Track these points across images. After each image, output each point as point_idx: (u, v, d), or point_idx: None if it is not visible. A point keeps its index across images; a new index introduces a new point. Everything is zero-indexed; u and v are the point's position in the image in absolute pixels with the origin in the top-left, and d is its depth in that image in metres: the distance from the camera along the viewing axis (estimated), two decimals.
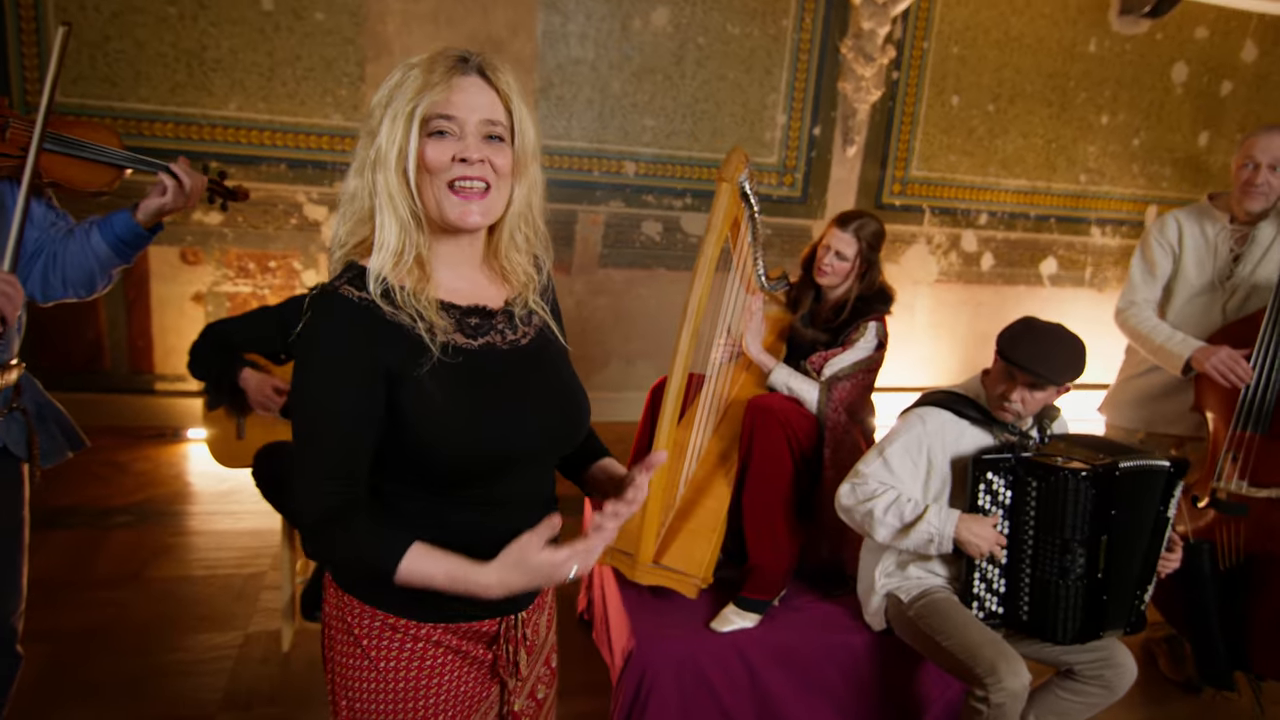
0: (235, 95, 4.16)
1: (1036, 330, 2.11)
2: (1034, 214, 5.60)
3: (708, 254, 2.10)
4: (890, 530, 2.10)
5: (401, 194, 1.09)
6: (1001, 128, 5.36)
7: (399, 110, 1.09)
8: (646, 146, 4.78)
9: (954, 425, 2.18)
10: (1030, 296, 5.73)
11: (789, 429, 2.32)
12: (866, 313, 2.49)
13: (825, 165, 5.09)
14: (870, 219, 2.53)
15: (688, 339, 2.10)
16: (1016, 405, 2.09)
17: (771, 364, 2.49)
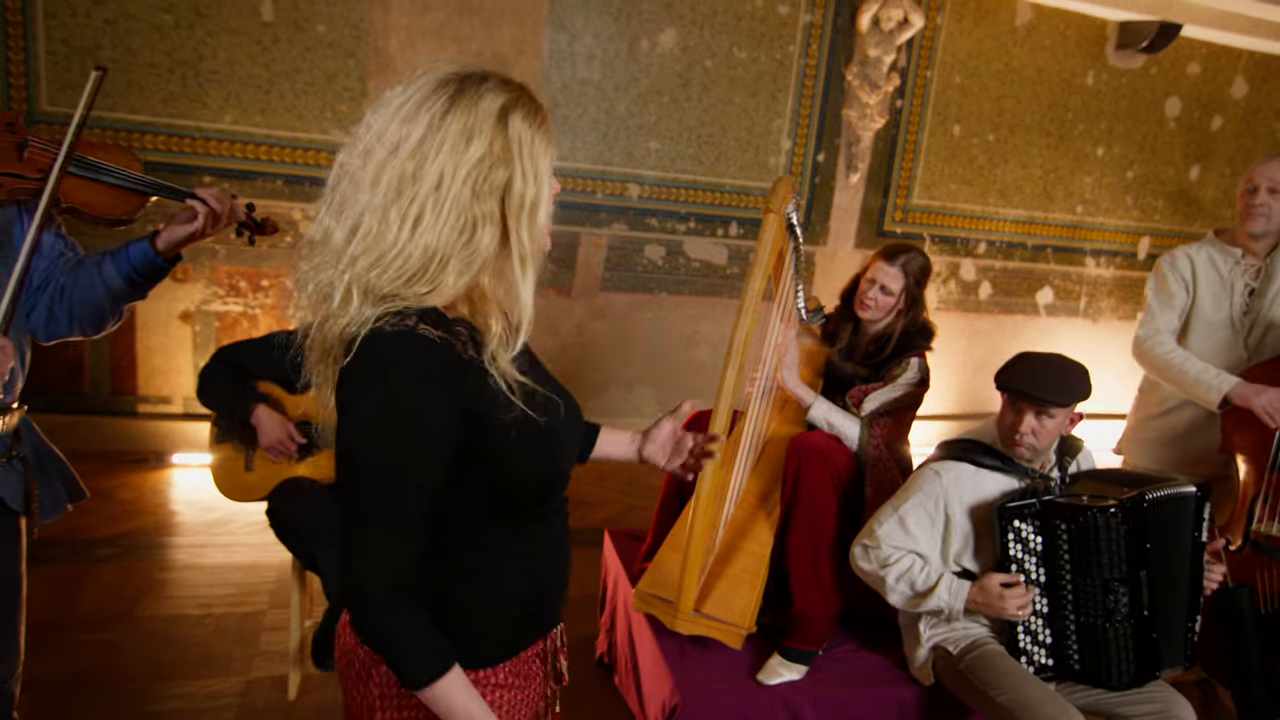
0: (231, 108, 4.02)
1: (1032, 357, 2.11)
2: (1031, 244, 5.61)
3: (754, 288, 2.02)
4: (902, 598, 2.08)
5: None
6: (1001, 157, 5.36)
7: (541, 153, 1.05)
8: (651, 169, 4.70)
9: (972, 476, 2.12)
10: (1027, 326, 5.73)
11: (834, 469, 2.23)
12: (910, 348, 2.42)
13: (829, 192, 5.05)
14: (917, 253, 2.46)
15: (734, 377, 2.00)
16: (1028, 438, 2.04)
17: (810, 398, 2.41)
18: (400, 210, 0.97)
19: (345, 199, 1.00)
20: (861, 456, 2.34)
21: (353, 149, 1.02)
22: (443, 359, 0.99)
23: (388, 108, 1.00)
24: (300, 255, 1.06)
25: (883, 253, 2.47)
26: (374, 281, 0.98)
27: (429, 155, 0.97)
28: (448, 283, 1.00)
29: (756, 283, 2.03)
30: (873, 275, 2.45)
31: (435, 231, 0.98)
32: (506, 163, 1.00)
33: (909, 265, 2.42)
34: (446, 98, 0.98)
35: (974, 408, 5.67)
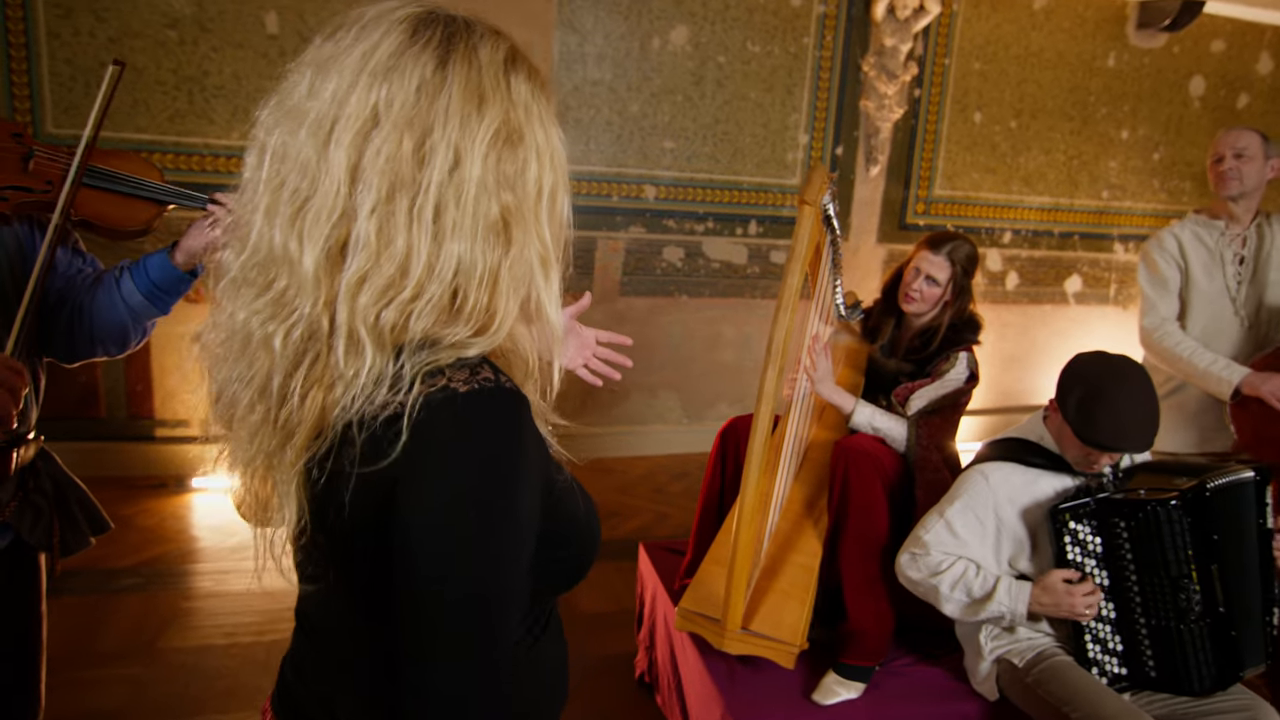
0: (239, 123, 3.94)
1: (1105, 398, 1.88)
2: (1058, 231, 5.47)
3: (791, 285, 1.91)
4: (959, 606, 1.95)
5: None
6: (1024, 144, 5.23)
7: (551, 120, 0.80)
8: (666, 170, 4.60)
9: (1021, 476, 2.00)
10: (1056, 316, 5.59)
11: (882, 472, 2.12)
12: (957, 342, 2.31)
13: (849, 186, 4.93)
14: (963, 241, 2.35)
15: (774, 380, 1.89)
16: (1105, 463, 1.95)
17: (850, 404, 2.29)
18: (409, 208, 0.71)
19: (301, 197, 0.72)
20: (909, 458, 2.22)
21: (292, 123, 0.74)
22: (533, 423, 0.76)
23: (341, 63, 0.73)
24: (230, 290, 0.77)
25: (927, 241, 2.36)
26: (393, 320, 0.71)
27: (434, 125, 0.72)
28: (502, 312, 0.75)
29: (795, 279, 1.92)
30: (918, 265, 2.34)
31: (466, 236, 0.72)
32: (520, 135, 0.76)
33: (956, 253, 2.31)
34: (436, 46, 0.74)
35: (1004, 402, 5.54)
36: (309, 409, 0.73)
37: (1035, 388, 5.58)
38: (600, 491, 4.24)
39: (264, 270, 0.74)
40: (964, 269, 2.32)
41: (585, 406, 4.73)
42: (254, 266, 0.75)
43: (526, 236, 0.76)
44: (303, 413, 0.73)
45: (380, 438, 0.70)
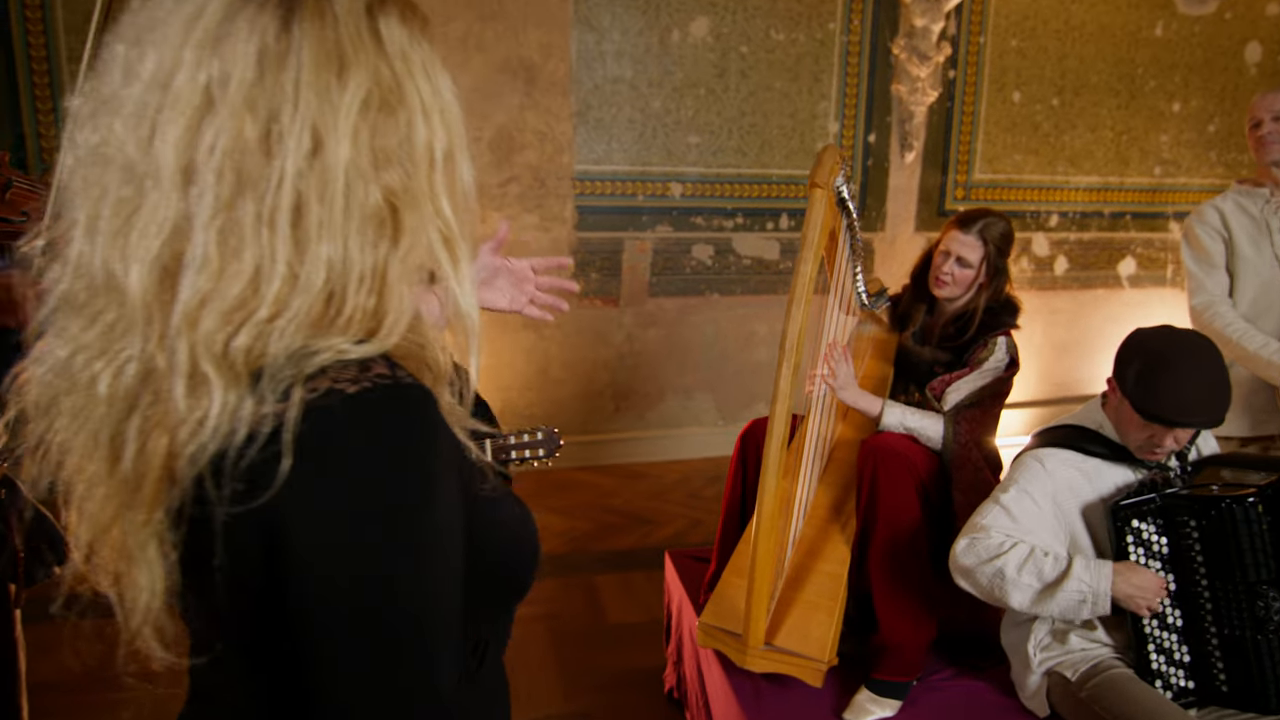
0: None
1: (1169, 367, 1.69)
2: (1108, 212, 5.22)
3: (805, 274, 1.79)
4: (1029, 593, 1.71)
5: None
6: (1068, 122, 5.00)
7: (438, 70, 0.67)
8: (692, 166, 4.48)
9: (1079, 466, 1.83)
10: (1109, 300, 5.33)
11: (914, 471, 1.98)
12: (994, 327, 2.15)
13: (883, 174, 4.76)
14: (997, 218, 2.19)
15: (788, 377, 1.77)
16: (1170, 446, 1.75)
17: (877, 406, 2.14)
18: (257, 210, 0.58)
19: (127, 207, 0.59)
20: (946, 456, 2.07)
21: (108, 115, 0.60)
22: (439, 417, 0.65)
23: (160, 34, 0.59)
24: (54, 320, 0.63)
25: (957, 220, 2.21)
26: (246, 346, 0.59)
27: (282, 104, 0.59)
28: (394, 313, 0.63)
29: (808, 268, 1.80)
30: (947, 246, 2.19)
31: (338, 234, 0.60)
32: (399, 96, 0.63)
33: (988, 231, 2.15)
34: (278, 2, 0.60)
35: (1057, 393, 5.29)
36: (152, 457, 0.61)
37: (1090, 376, 5.33)
38: (633, 498, 4.14)
39: (89, 298, 0.62)
40: (998, 248, 2.17)
41: (619, 411, 4.63)
42: (77, 293, 0.62)
43: (422, 218, 0.64)
44: (146, 462, 0.61)
45: (254, 466, 0.58)
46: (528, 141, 4.23)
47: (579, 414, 4.58)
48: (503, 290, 1.27)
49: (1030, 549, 1.73)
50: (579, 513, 3.95)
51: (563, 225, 4.36)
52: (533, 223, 4.31)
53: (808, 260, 1.80)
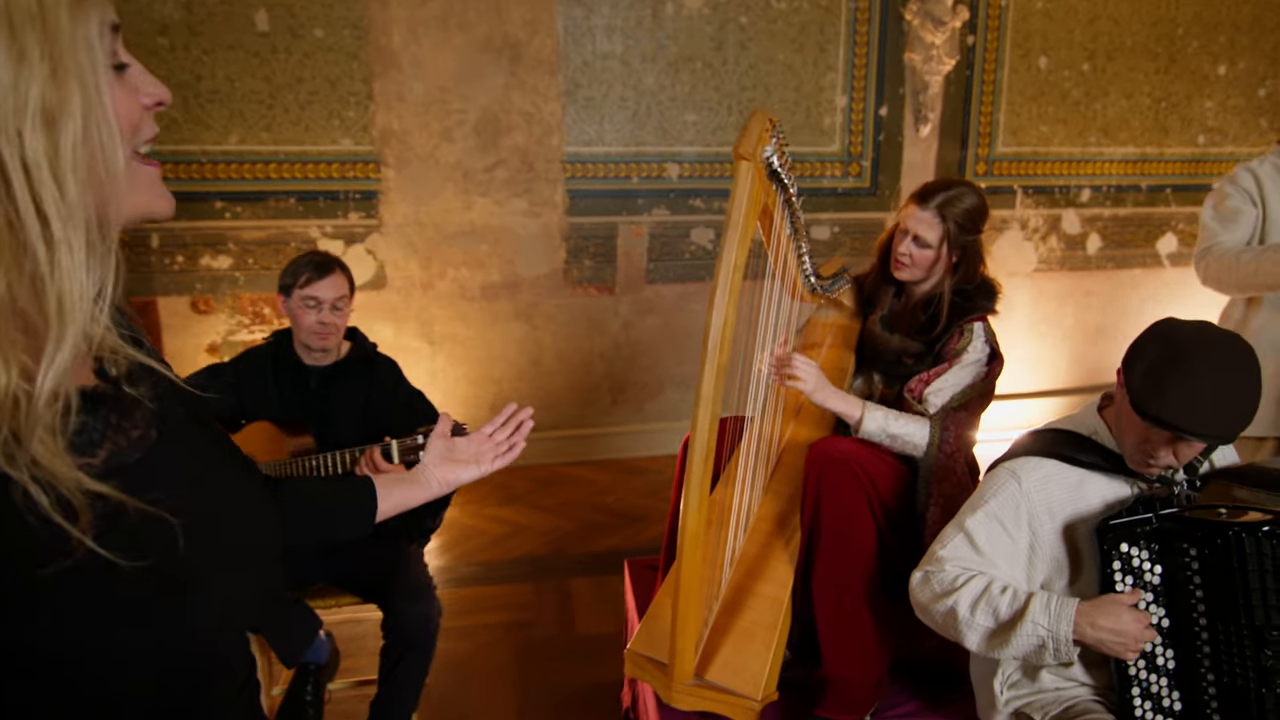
0: (235, 127, 3.82)
1: (1185, 364, 1.42)
2: (1146, 185, 4.85)
3: (729, 260, 1.59)
4: (982, 634, 1.50)
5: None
6: (1100, 89, 4.64)
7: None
8: (690, 145, 4.25)
9: (1064, 478, 1.57)
10: (1147, 280, 4.97)
11: (867, 482, 1.76)
12: (967, 313, 1.92)
13: (896, 149, 4.47)
14: (963, 190, 1.95)
15: (712, 379, 1.57)
16: (1167, 460, 1.48)
17: (856, 410, 1.89)
18: None
19: None
20: (928, 464, 1.84)
21: None
22: None
23: None
24: None
25: (916, 194, 1.98)
26: None
27: None
28: None
29: (733, 254, 1.60)
30: (904, 223, 1.96)
31: None
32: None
33: (950, 207, 1.91)
34: None
35: (1090, 379, 4.96)
36: None
37: None
38: (627, 495, 3.96)
39: None
40: (960, 225, 1.92)
41: (616, 403, 4.45)
42: None
43: None
44: None
45: None
46: (514, 123, 4.05)
47: (574, 406, 4.41)
48: (465, 462, 1.34)
49: (986, 584, 1.50)
50: (567, 511, 3.79)
51: (553, 210, 4.18)
52: (521, 208, 4.14)
53: (733, 245, 1.60)
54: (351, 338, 2.31)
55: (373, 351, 2.32)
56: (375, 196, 3.99)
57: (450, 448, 1.35)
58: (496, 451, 1.38)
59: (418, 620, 1.98)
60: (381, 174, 3.97)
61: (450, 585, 3.17)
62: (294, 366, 2.19)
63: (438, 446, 1.35)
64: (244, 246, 3.93)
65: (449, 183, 4.05)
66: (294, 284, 2.11)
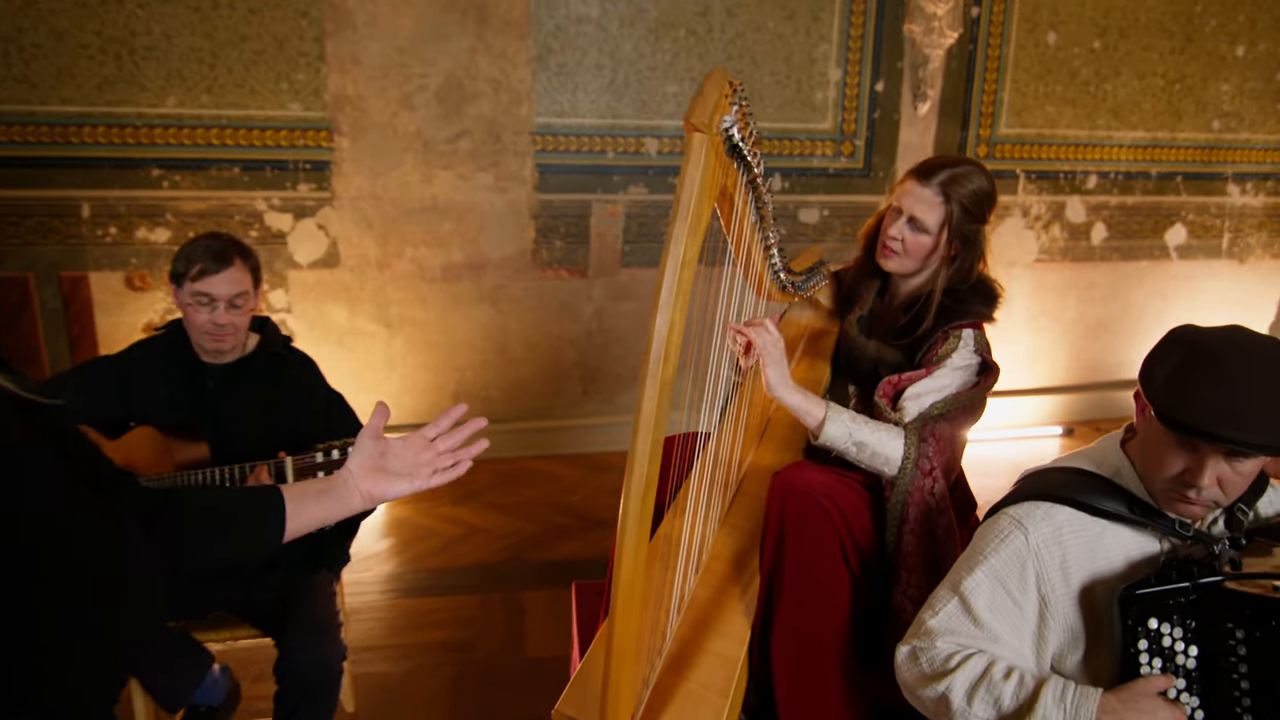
0: (174, 88, 3.50)
1: (1215, 365, 1.16)
2: (1156, 172, 4.57)
3: (677, 254, 1.31)
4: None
5: None
6: (1111, 68, 4.34)
7: None
8: (670, 119, 3.95)
9: (1080, 531, 1.29)
10: (1154, 273, 4.69)
11: (839, 518, 1.49)
12: (959, 316, 1.64)
13: (892, 128, 4.17)
14: (971, 169, 1.67)
15: (654, 399, 1.30)
16: (1211, 492, 1.19)
17: (818, 411, 1.62)
18: None
19: None
20: (901, 486, 1.57)
21: None
22: None
23: None
24: None
25: (916, 169, 1.70)
26: None
27: None
28: None
29: (681, 247, 1.31)
30: (899, 202, 1.69)
31: None
32: None
33: (956, 187, 1.63)
34: None
35: (1090, 377, 4.70)
36: None
37: (1129, 359, 4.73)
38: (593, 494, 3.70)
39: None
40: (966, 210, 1.64)
41: (587, 394, 4.18)
42: None
43: None
44: None
45: None
46: (480, 90, 3.74)
47: (542, 397, 4.14)
48: (399, 472, 1.18)
49: (986, 665, 1.23)
50: (528, 512, 3.53)
51: (521, 186, 3.88)
52: (487, 183, 3.84)
53: (682, 235, 1.32)
54: (261, 330, 2.03)
55: (284, 347, 2.03)
56: (327, 167, 3.68)
57: (383, 453, 1.19)
58: (437, 464, 1.22)
59: (315, 665, 1.71)
60: (334, 143, 3.66)
61: (394, 595, 2.91)
62: (190, 363, 1.90)
63: (367, 450, 1.18)
64: (184, 219, 3.63)
65: (408, 154, 3.74)
66: (185, 274, 1.81)
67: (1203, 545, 1.24)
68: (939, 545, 1.52)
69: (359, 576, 3.02)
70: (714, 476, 1.63)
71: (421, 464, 1.21)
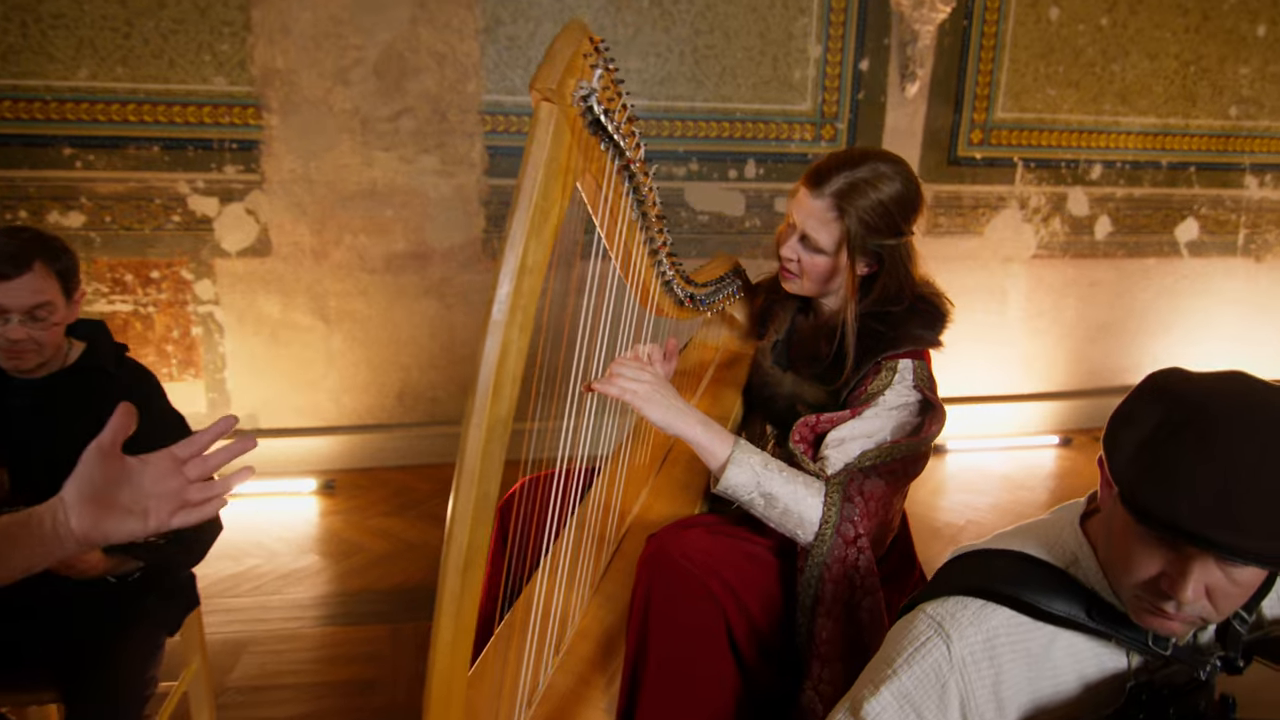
0: (85, 59, 3.20)
1: (1210, 428, 0.83)
2: (1167, 162, 4.21)
3: (513, 258, 1.01)
4: None
5: None
6: (1120, 48, 3.99)
7: None
8: (634, 98, 3.61)
9: (1021, 640, 0.97)
10: (1163, 271, 4.35)
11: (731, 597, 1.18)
12: (888, 344, 1.32)
13: (878, 110, 3.84)
14: (876, 172, 1.35)
15: (481, 441, 1.01)
16: (1197, 607, 0.86)
17: (721, 451, 1.31)
18: None
19: None
20: (817, 558, 1.26)
21: None
22: None
23: None
24: None
25: (808, 174, 1.39)
26: None
27: None
28: None
29: (519, 248, 1.02)
30: (791, 215, 1.38)
31: None
32: None
33: (851, 198, 1.32)
34: None
35: (1090, 382, 4.37)
36: None
37: (1132, 364, 4.39)
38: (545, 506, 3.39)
39: None
40: (867, 224, 1.32)
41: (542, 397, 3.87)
42: None
43: None
44: None
45: None
46: (423, 64, 3.42)
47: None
48: (130, 507, 0.91)
49: None
50: None
51: (470, 170, 3.57)
52: (432, 166, 3.53)
53: (520, 234, 1.02)
54: (88, 338, 1.73)
55: (114, 359, 1.73)
56: (256, 146, 3.38)
57: (112, 478, 0.90)
58: (186, 497, 0.95)
59: None
60: (263, 120, 3.36)
61: (303, 624, 2.62)
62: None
63: (90, 471, 0.90)
64: (99, 202, 3.34)
65: (345, 134, 3.44)
66: None
67: (1185, 666, 0.92)
68: (862, 630, 1.21)
69: (267, 600, 2.74)
70: (589, 530, 1.33)
71: (164, 495, 0.94)
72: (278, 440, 3.62)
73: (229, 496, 1.02)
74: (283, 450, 3.62)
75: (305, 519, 3.31)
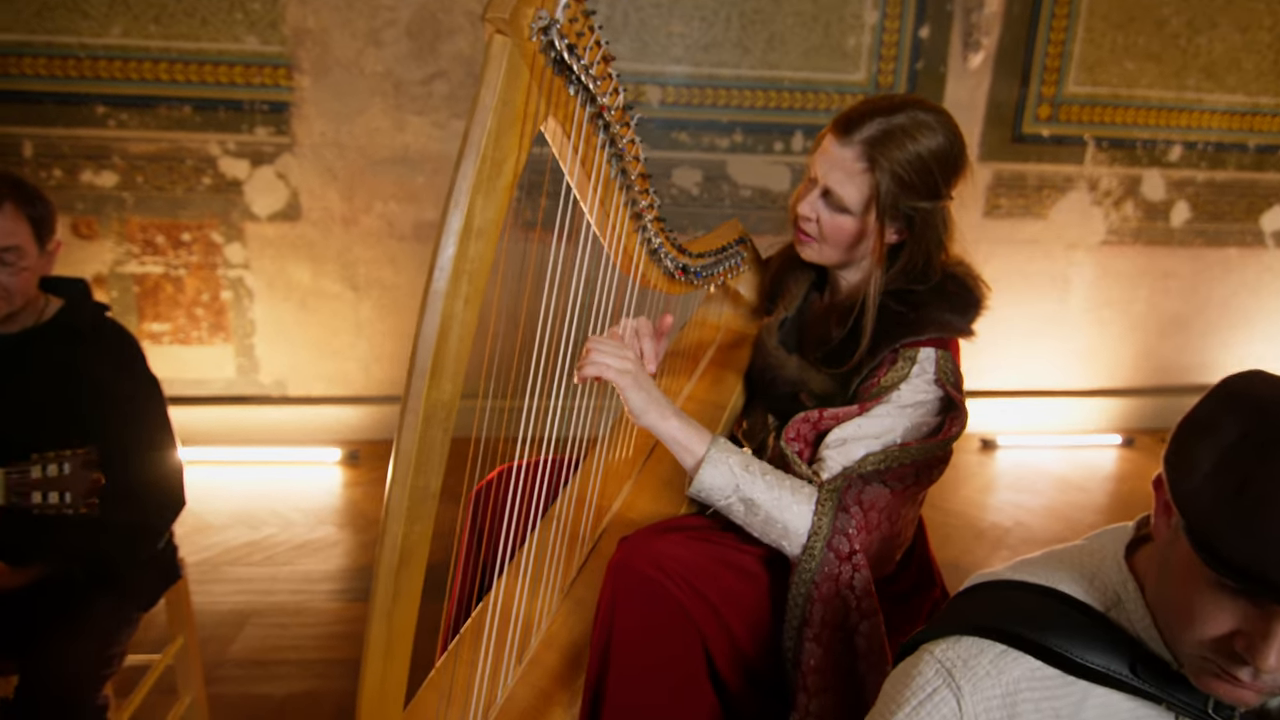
0: (119, 16, 3.16)
1: None
2: (1255, 144, 3.89)
3: (458, 215, 0.90)
4: None
5: None
6: (1207, 19, 3.68)
7: None
8: (676, 64, 3.46)
9: (1048, 697, 0.81)
10: (1244, 264, 4.03)
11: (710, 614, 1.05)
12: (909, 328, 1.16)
13: (938, 82, 3.60)
14: (915, 119, 1.18)
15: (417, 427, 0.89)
16: (1272, 674, 0.68)
17: (697, 448, 1.17)
18: None
19: None
20: (805, 576, 1.11)
21: None
22: None
23: None
24: None
25: (835, 121, 1.22)
26: None
27: None
28: None
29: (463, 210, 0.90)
30: (812, 168, 1.22)
31: None
32: None
33: (885, 148, 1.16)
34: None
35: (1158, 379, 4.09)
36: None
37: (1207, 362, 4.10)
38: None
39: None
40: (903, 182, 1.15)
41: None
42: None
43: None
44: None
45: None
46: (457, 25, 3.30)
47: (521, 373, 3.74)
48: None
49: None
50: None
51: None
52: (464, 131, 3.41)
53: (464, 194, 0.89)
54: (68, 294, 1.65)
55: (92, 320, 1.65)
56: (287, 109, 3.31)
57: None
58: None
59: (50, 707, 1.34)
60: (295, 81, 3.28)
61: (311, 597, 2.57)
62: None
63: None
64: (131, 161, 3.31)
65: (376, 96, 3.34)
66: None
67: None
68: (858, 659, 1.06)
69: (278, 571, 2.70)
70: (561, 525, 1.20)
71: None
72: (304, 408, 3.58)
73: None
74: (309, 418, 3.58)
75: (327, 489, 3.26)
